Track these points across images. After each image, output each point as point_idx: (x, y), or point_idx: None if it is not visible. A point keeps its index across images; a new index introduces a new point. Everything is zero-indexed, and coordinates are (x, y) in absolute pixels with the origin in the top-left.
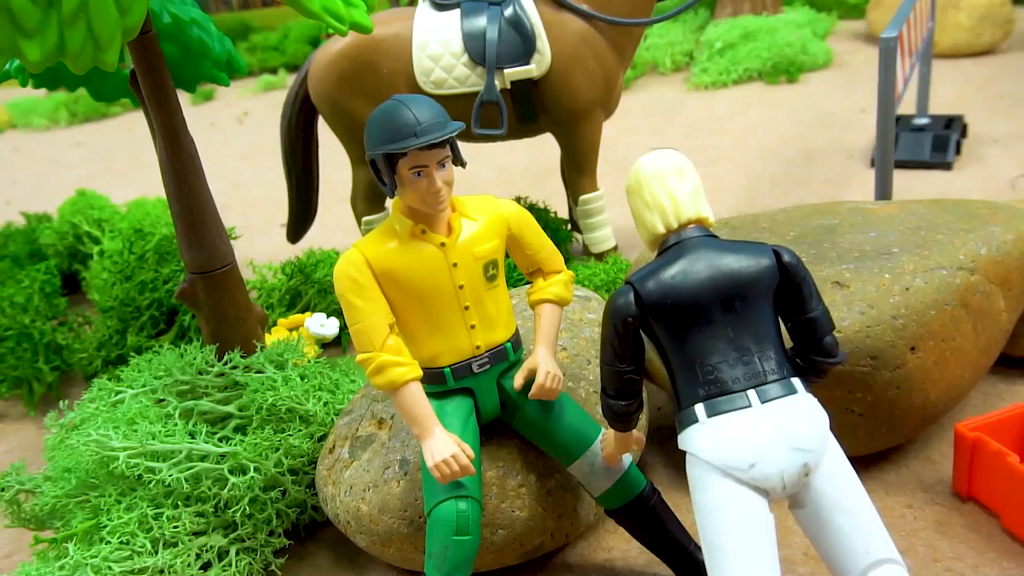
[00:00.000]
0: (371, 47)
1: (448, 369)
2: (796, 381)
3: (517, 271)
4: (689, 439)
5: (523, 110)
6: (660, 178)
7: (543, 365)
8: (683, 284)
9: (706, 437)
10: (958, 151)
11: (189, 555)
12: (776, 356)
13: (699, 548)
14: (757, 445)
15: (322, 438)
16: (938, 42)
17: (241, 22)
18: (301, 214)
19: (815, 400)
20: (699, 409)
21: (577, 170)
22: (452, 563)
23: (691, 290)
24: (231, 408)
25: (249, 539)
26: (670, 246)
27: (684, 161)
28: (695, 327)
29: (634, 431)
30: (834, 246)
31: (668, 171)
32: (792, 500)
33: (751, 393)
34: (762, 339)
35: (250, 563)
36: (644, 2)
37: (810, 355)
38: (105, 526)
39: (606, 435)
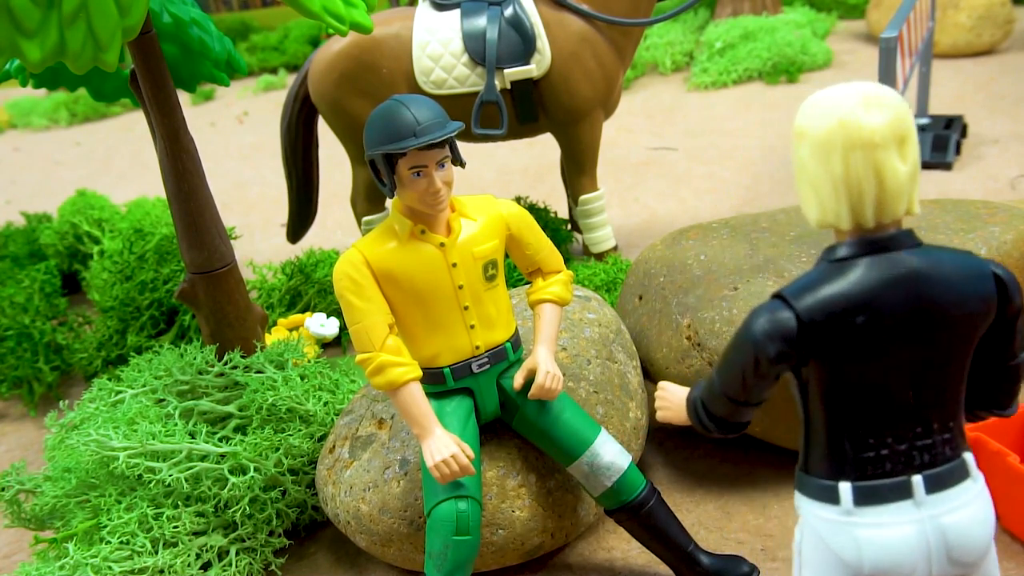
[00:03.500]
0: (371, 47)
1: (448, 369)
2: (969, 457)
3: (517, 271)
4: (819, 522)
5: (523, 110)
6: (871, 149)
7: (543, 365)
8: (866, 312)
9: (848, 535)
10: (958, 151)
11: (189, 555)
12: (957, 426)
13: (699, 548)
14: (910, 556)
15: (322, 438)
16: (938, 42)
17: (241, 22)
18: (301, 214)
19: (985, 486)
20: (844, 490)
21: (577, 170)
22: (452, 563)
23: (876, 323)
24: (231, 408)
25: (249, 539)
26: (854, 254)
27: (907, 120)
28: (867, 375)
29: None
30: None
31: (887, 139)
32: None
33: (917, 479)
34: (948, 402)
35: (250, 563)
36: (644, 2)
37: (982, 411)
38: (105, 526)
39: (672, 398)
